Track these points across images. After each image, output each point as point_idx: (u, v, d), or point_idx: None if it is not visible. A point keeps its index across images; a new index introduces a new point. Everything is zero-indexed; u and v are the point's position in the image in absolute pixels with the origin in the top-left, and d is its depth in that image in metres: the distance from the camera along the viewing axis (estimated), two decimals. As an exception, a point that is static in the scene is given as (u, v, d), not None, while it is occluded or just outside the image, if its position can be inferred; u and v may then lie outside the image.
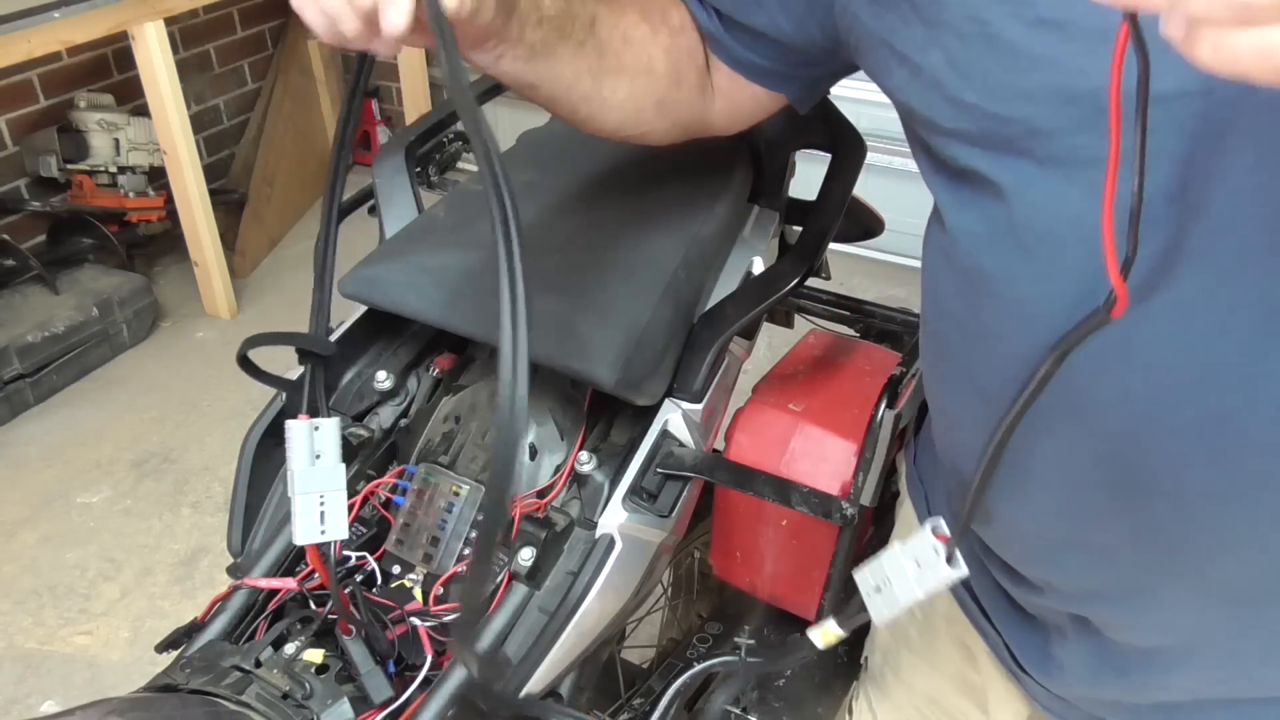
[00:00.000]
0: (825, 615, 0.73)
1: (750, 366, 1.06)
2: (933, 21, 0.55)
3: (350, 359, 0.95)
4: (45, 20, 2.12)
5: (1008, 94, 0.52)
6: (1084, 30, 0.47)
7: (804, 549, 0.98)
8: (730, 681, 1.09)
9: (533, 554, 0.78)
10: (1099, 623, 0.67)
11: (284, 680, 0.73)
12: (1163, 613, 0.62)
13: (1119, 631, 0.66)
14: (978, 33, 0.52)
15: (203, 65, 3.18)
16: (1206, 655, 0.63)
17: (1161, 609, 0.62)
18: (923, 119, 0.59)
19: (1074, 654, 0.70)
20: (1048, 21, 0.49)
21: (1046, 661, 0.74)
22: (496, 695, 0.76)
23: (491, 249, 0.52)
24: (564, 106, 0.75)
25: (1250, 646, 0.62)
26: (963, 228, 0.59)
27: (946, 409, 0.71)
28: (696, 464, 0.86)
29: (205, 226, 2.65)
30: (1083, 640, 0.69)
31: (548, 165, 1.07)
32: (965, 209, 0.58)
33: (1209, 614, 0.61)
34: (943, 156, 0.59)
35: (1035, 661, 0.75)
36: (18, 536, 2.13)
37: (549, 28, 0.68)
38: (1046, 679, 0.74)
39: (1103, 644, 0.68)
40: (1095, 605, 0.66)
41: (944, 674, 0.89)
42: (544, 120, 1.25)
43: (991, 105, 0.53)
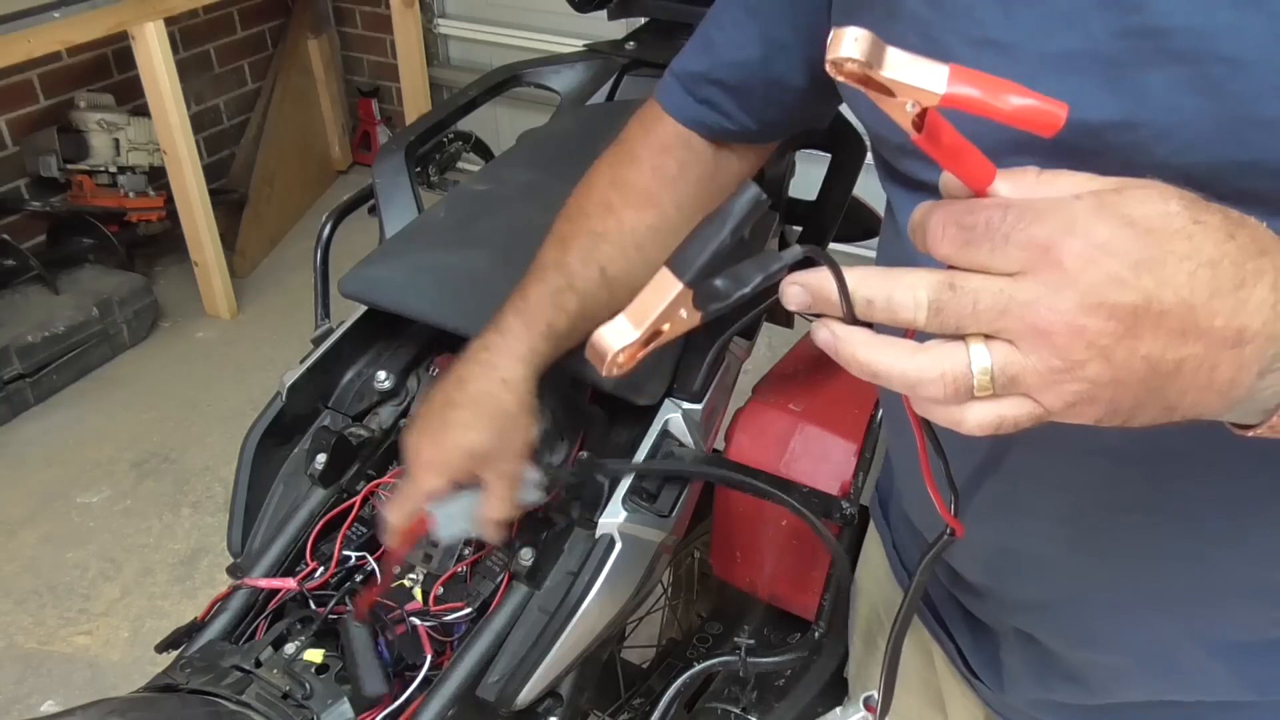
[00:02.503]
0: (825, 615, 0.74)
1: (750, 366, 1.06)
2: (888, 35, 0.54)
3: (350, 359, 0.95)
4: (45, 20, 2.12)
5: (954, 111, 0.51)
6: (1027, 55, 0.47)
7: (804, 549, 0.98)
8: (729, 681, 1.09)
9: (533, 554, 0.78)
10: (1040, 635, 0.68)
11: (284, 680, 0.73)
12: (1099, 623, 0.63)
13: (1059, 643, 0.67)
14: (926, 50, 0.51)
15: (203, 65, 3.18)
16: (1145, 665, 0.64)
17: (1098, 620, 0.63)
18: (874, 133, 0.60)
19: (1021, 661, 0.71)
20: (993, 42, 0.48)
21: (997, 667, 0.75)
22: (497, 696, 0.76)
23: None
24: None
25: (1188, 655, 0.62)
26: None
27: (892, 414, 0.73)
28: (696, 464, 0.86)
29: (205, 226, 2.65)
30: (1027, 648, 0.70)
31: (548, 165, 1.07)
32: None
33: (1145, 625, 0.61)
34: (896, 168, 0.59)
35: (986, 667, 0.76)
36: (18, 536, 2.13)
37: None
38: (997, 684, 0.75)
39: (1046, 652, 0.68)
40: (1035, 616, 0.67)
41: (905, 678, 0.89)
42: (544, 120, 1.25)
43: None
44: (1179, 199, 0.36)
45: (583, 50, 1.32)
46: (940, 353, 0.37)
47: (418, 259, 0.93)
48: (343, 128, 3.54)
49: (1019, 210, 0.36)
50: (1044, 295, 0.35)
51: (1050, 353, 0.36)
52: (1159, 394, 0.37)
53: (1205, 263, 0.35)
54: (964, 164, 0.38)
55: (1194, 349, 0.35)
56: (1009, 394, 0.37)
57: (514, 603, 0.79)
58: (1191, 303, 0.35)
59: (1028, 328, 0.36)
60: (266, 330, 2.78)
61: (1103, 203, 0.36)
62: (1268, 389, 0.37)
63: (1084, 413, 0.37)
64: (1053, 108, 0.35)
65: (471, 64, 3.40)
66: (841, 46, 0.34)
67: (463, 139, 1.24)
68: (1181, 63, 0.43)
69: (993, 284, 0.36)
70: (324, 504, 0.86)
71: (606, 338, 0.43)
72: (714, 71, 0.74)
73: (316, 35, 3.37)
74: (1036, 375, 0.36)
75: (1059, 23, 0.46)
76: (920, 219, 0.39)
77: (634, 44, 1.30)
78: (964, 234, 0.37)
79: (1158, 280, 0.35)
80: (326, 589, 0.82)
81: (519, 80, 1.26)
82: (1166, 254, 0.35)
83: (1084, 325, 0.35)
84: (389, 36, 3.32)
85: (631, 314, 0.43)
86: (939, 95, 0.35)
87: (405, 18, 3.12)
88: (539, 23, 3.15)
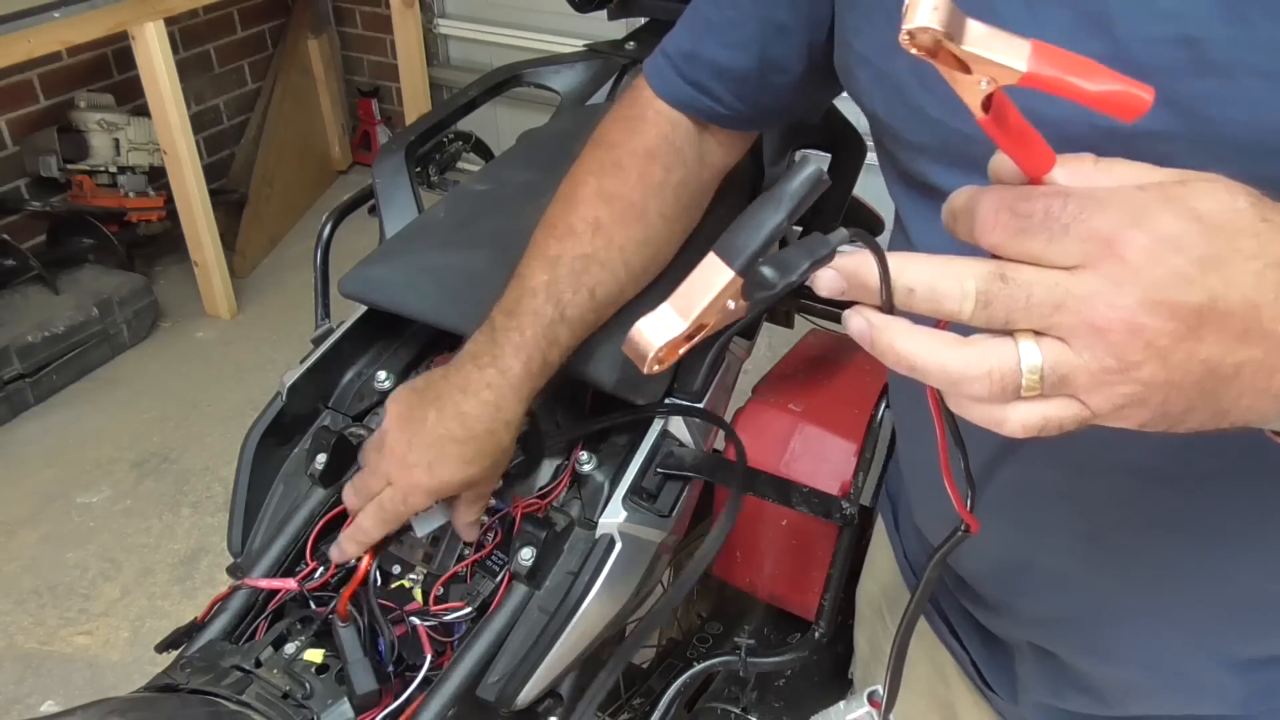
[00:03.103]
0: (825, 615, 0.74)
1: (750, 366, 1.06)
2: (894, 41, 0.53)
3: (350, 359, 0.95)
4: (45, 20, 2.12)
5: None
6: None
7: (804, 549, 0.99)
8: (729, 681, 1.09)
9: (533, 554, 0.78)
10: (1054, 649, 0.67)
11: (284, 680, 0.73)
12: (1115, 637, 0.62)
13: (1074, 656, 0.66)
14: None
15: (203, 65, 3.18)
16: (1161, 678, 0.63)
17: (1113, 634, 0.62)
18: (887, 127, 0.58)
19: (1035, 672, 0.71)
20: None
21: (1010, 678, 0.74)
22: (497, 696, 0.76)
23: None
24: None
25: (1204, 669, 0.61)
26: (926, 243, 0.58)
27: (906, 423, 0.72)
28: (696, 464, 0.86)
29: (205, 226, 2.65)
30: (1042, 660, 0.69)
31: (548, 165, 1.06)
32: (930, 223, 0.58)
33: (1161, 639, 0.61)
34: (908, 170, 0.58)
35: (999, 677, 0.75)
36: (18, 536, 2.13)
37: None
38: (1010, 694, 0.75)
39: (1061, 664, 0.68)
40: (1050, 630, 0.67)
41: (916, 690, 0.88)
42: (544, 120, 1.25)
43: (954, 120, 0.51)
44: (1246, 195, 0.34)
45: (583, 50, 1.32)
46: (988, 348, 0.35)
47: (418, 259, 0.93)
48: (343, 128, 3.54)
49: (1080, 199, 0.34)
50: (1104, 290, 0.33)
51: (1105, 352, 0.34)
52: (1213, 398, 0.35)
53: (1273, 263, 0.33)
54: (1027, 149, 0.36)
55: (1255, 352, 0.34)
56: (1056, 394, 0.35)
57: (514, 603, 0.79)
58: (1258, 303, 0.33)
59: (1083, 324, 0.34)
60: (266, 330, 2.78)
61: (1169, 195, 0.34)
62: None
63: (1131, 416, 0.36)
64: (1140, 91, 0.33)
65: (471, 64, 3.40)
66: (918, 14, 0.31)
67: (463, 139, 1.24)
68: (1217, 74, 0.41)
69: (1048, 276, 0.34)
70: (324, 504, 0.86)
71: (648, 332, 0.39)
72: (707, 52, 0.72)
73: (316, 35, 3.37)
74: (1088, 375, 0.34)
75: (1088, 26, 0.44)
76: (965, 203, 0.37)
77: (634, 44, 1.29)
78: (1019, 221, 0.35)
79: (1224, 279, 0.33)
80: (326, 589, 0.82)
81: (519, 80, 1.26)
82: (1233, 252, 0.33)
83: (1144, 324, 0.33)
84: (389, 36, 3.32)
85: (677, 304, 0.39)
86: (1021, 73, 0.32)
87: (405, 18, 3.12)
88: (539, 23, 3.15)
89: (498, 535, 0.83)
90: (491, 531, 0.83)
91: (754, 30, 0.69)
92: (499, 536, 0.83)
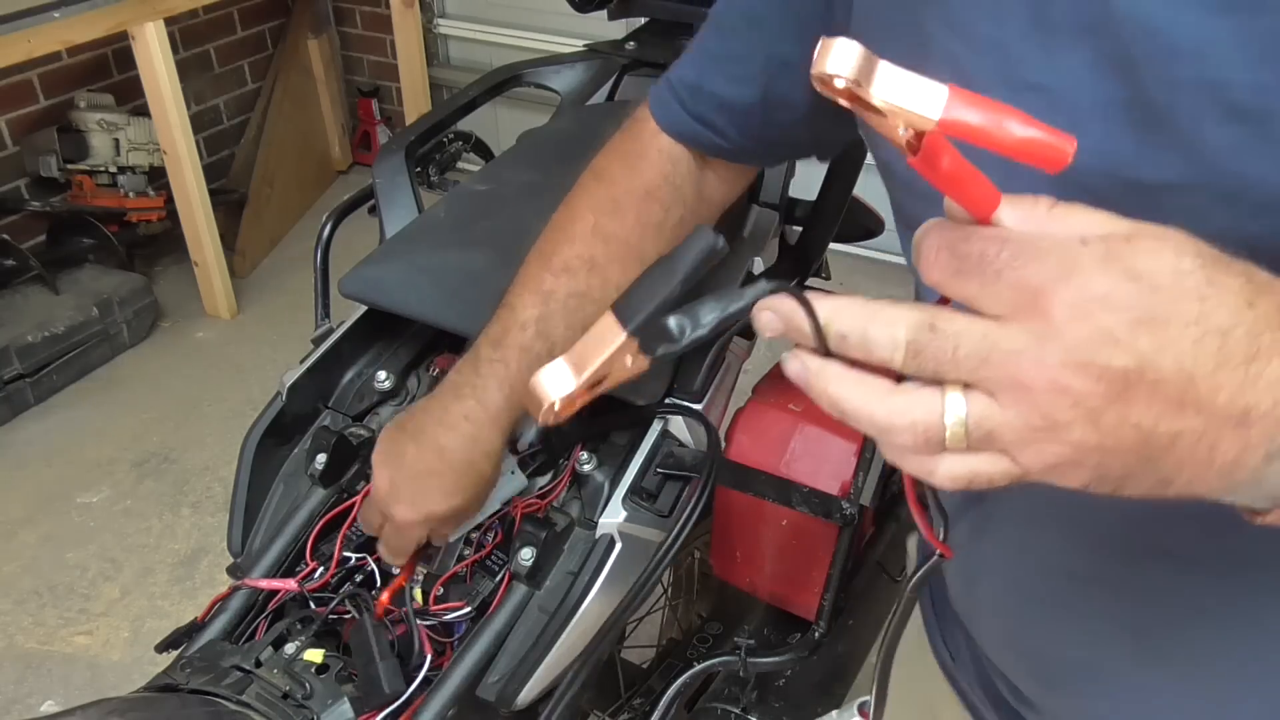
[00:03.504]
0: (825, 615, 0.73)
1: (750, 366, 1.06)
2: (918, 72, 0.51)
3: (350, 359, 0.95)
4: (45, 20, 2.12)
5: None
6: (1071, 101, 0.43)
7: (804, 549, 0.98)
8: (729, 681, 1.09)
9: (533, 554, 0.78)
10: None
11: (284, 680, 0.73)
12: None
13: None
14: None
15: (203, 65, 3.18)
16: None
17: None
18: (881, 164, 0.56)
19: None
20: (1033, 86, 0.44)
21: None
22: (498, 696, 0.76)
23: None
24: None
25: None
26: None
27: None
28: (696, 464, 0.86)
29: (205, 226, 2.65)
30: None
31: (548, 165, 1.07)
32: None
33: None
34: (907, 212, 0.56)
35: None
36: (18, 536, 2.13)
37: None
38: None
39: None
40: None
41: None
42: (544, 120, 1.25)
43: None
44: (1195, 256, 0.32)
45: (583, 50, 1.32)
46: (914, 399, 0.35)
47: (418, 259, 0.93)
48: (343, 128, 3.54)
49: (1017, 246, 0.33)
50: (1029, 347, 0.32)
51: (1031, 410, 0.33)
52: (1152, 465, 0.34)
53: (1214, 330, 0.32)
54: (965, 190, 0.35)
55: (1193, 423, 0.32)
56: (985, 449, 0.35)
57: (514, 603, 0.79)
58: (1193, 373, 0.32)
59: (1009, 380, 0.33)
60: (266, 330, 2.78)
61: (1109, 251, 0.32)
62: (1275, 475, 0.34)
63: (1067, 476, 0.34)
64: (1060, 142, 0.32)
65: (471, 64, 3.40)
66: (828, 61, 0.31)
67: (463, 139, 1.24)
68: (1242, 121, 0.38)
69: (976, 328, 0.33)
70: (324, 504, 0.86)
71: (545, 385, 0.41)
72: (711, 85, 0.71)
73: (316, 35, 3.36)
74: (1014, 432, 0.33)
75: (1107, 68, 0.41)
76: (917, 237, 0.36)
77: (634, 44, 1.30)
78: (956, 262, 0.34)
79: (1157, 344, 0.32)
80: (326, 589, 0.82)
81: (519, 80, 1.26)
82: (1172, 316, 0.32)
83: (1070, 384, 0.32)
84: (389, 36, 3.32)
85: (573, 360, 0.41)
86: (935, 121, 0.31)
87: (405, 18, 3.12)
88: (539, 23, 3.15)
89: (498, 535, 0.83)
90: (491, 531, 0.83)
91: (759, 65, 0.67)
92: (499, 536, 0.83)
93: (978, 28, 0.45)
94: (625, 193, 0.76)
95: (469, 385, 0.74)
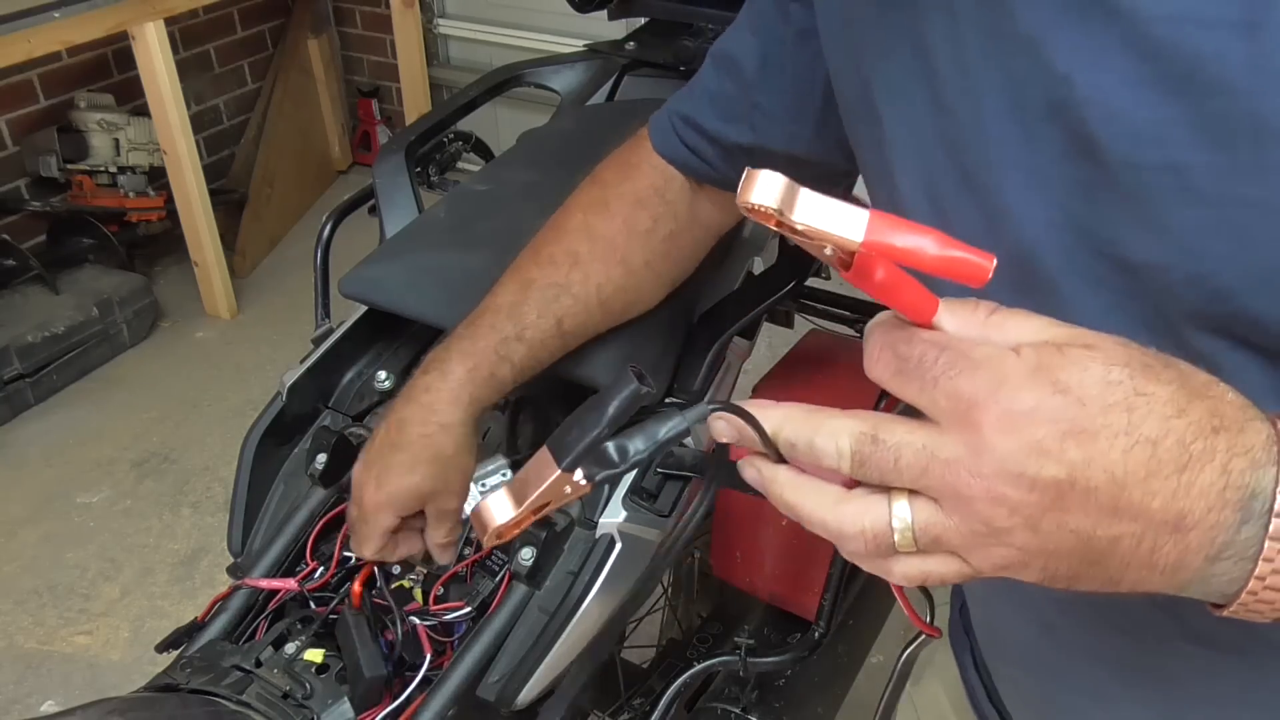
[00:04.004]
0: (825, 615, 0.73)
1: (750, 366, 1.06)
2: (901, 146, 0.51)
3: (350, 359, 0.95)
4: (45, 20, 2.11)
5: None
6: (1052, 179, 0.44)
7: (804, 549, 0.99)
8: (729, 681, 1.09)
9: (533, 554, 0.78)
10: None
11: (284, 680, 0.73)
12: None
13: None
14: (960, 174, 0.47)
15: (203, 65, 3.18)
16: None
17: None
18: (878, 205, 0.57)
19: None
20: (1019, 165, 0.45)
21: None
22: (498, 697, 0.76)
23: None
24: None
25: None
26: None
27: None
28: (696, 464, 0.86)
29: (205, 226, 2.65)
30: None
31: (548, 165, 1.07)
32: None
33: None
34: None
35: None
36: (18, 536, 2.13)
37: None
38: None
39: None
40: None
41: None
42: (544, 120, 1.25)
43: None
44: (1125, 365, 0.33)
45: (583, 50, 1.32)
46: (862, 505, 0.36)
47: (418, 259, 0.93)
48: (343, 128, 3.54)
49: (953, 356, 0.34)
50: (965, 457, 0.34)
51: (972, 517, 0.34)
52: (1099, 567, 0.35)
53: (1144, 440, 0.32)
54: (901, 298, 0.36)
55: (1131, 527, 0.33)
56: (935, 551, 0.36)
57: (514, 603, 0.79)
58: (1125, 481, 0.33)
59: (948, 489, 0.34)
60: (266, 330, 2.78)
61: (1040, 364, 0.33)
62: (1221, 575, 0.34)
63: (1019, 574, 0.36)
64: (978, 259, 0.33)
65: (471, 64, 3.40)
66: (753, 191, 0.33)
67: (463, 139, 1.24)
68: (1203, 204, 0.39)
69: (916, 439, 0.35)
70: (324, 504, 0.86)
71: (489, 512, 0.45)
72: (703, 120, 0.74)
73: (316, 35, 3.36)
74: (960, 537, 0.35)
75: (1075, 153, 0.42)
76: (866, 332, 0.38)
77: (634, 44, 1.30)
78: (898, 363, 0.36)
79: (1086, 455, 0.32)
80: (327, 589, 0.82)
81: (519, 80, 1.26)
82: (1100, 427, 0.32)
83: (1004, 493, 0.33)
84: (389, 36, 3.32)
85: (515, 490, 0.45)
86: (857, 244, 0.33)
87: (405, 18, 3.12)
88: (539, 23, 3.15)
89: (498, 535, 0.83)
90: None
91: (746, 111, 0.70)
92: (499, 536, 0.83)
93: (964, 107, 0.47)
94: (616, 197, 0.79)
95: (435, 360, 0.75)
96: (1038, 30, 0.42)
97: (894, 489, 0.36)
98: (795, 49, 0.66)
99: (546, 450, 0.44)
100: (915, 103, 0.49)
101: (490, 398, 0.76)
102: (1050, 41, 0.42)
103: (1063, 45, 0.41)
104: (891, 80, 0.51)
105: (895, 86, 0.51)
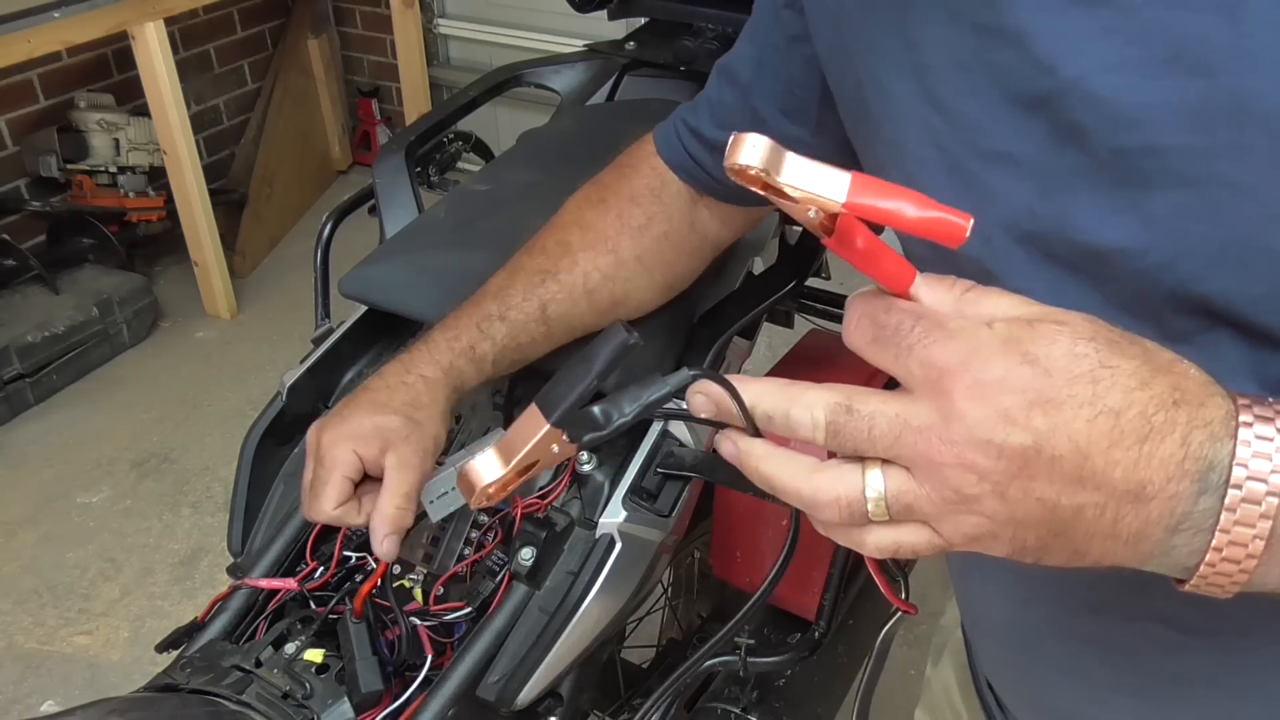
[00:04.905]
0: (825, 615, 0.73)
1: (750, 366, 1.06)
2: (893, 143, 0.52)
3: (350, 359, 0.95)
4: (45, 20, 2.12)
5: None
6: (1037, 169, 0.45)
7: (804, 549, 0.98)
8: (729, 681, 1.09)
9: (533, 554, 0.78)
10: None
11: (284, 680, 0.73)
12: None
13: None
14: (939, 161, 0.49)
15: (203, 65, 3.18)
16: None
17: None
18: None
19: None
20: (1002, 155, 0.46)
21: None
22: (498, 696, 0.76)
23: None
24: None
25: None
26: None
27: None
28: (696, 464, 0.86)
29: (205, 226, 2.65)
30: None
31: (548, 165, 1.07)
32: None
33: None
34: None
35: None
36: (18, 536, 2.13)
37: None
38: None
39: None
40: None
41: None
42: (544, 120, 1.25)
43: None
44: (1092, 340, 0.34)
45: (583, 50, 1.32)
46: (836, 475, 0.37)
47: (418, 259, 0.93)
48: (343, 128, 3.54)
49: (929, 325, 0.35)
50: (936, 425, 0.35)
51: (943, 484, 0.35)
52: (1065, 537, 0.36)
53: (1108, 411, 0.33)
54: (880, 267, 0.37)
55: (1094, 496, 0.34)
56: (906, 520, 0.37)
57: (514, 603, 0.79)
58: (1088, 450, 0.34)
59: (920, 456, 0.35)
60: (266, 330, 2.78)
61: (1011, 335, 0.35)
62: (1182, 547, 0.35)
63: (987, 546, 0.37)
64: (955, 219, 0.34)
65: (471, 64, 3.40)
66: (740, 153, 0.34)
67: (463, 139, 1.24)
68: (1183, 185, 0.40)
69: (890, 407, 0.36)
70: (324, 504, 0.86)
71: (477, 471, 0.45)
72: (703, 127, 0.75)
73: (316, 35, 3.36)
74: (931, 505, 0.36)
75: (1062, 139, 0.43)
76: (847, 304, 0.39)
77: (634, 44, 1.30)
78: (875, 330, 0.37)
79: (1051, 424, 0.34)
80: (327, 589, 0.82)
81: (519, 80, 1.27)
82: (1066, 397, 0.34)
83: (974, 460, 0.34)
84: (389, 36, 3.32)
85: (501, 449, 0.45)
86: (840, 204, 0.34)
87: (405, 18, 3.12)
88: (539, 23, 3.15)
89: (498, 535, 0.83)
90: (492, 531, 0.83)
91: (745, 118, 0.71)
92: (499, 536, 0.83)
93: (953, 102, 0.48)
94: (613, 193, 0.80)
95: (418, 338, 0.77)
96: (1025, 23, 0.43)
97: (868, 459, 0.37)
98: (787, 53, 0.66)
99: (535, 407, 0.44)
100: (905, 98, 0.50)
101: (468, 371, 0.76)
102: (1036, 33, 0.43)
103: (1049, 35, 0.42)
104: (882, 77, 0.52)
105: (885, 83, 0.52)
